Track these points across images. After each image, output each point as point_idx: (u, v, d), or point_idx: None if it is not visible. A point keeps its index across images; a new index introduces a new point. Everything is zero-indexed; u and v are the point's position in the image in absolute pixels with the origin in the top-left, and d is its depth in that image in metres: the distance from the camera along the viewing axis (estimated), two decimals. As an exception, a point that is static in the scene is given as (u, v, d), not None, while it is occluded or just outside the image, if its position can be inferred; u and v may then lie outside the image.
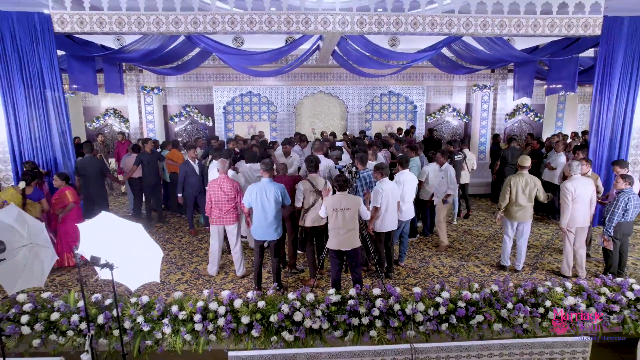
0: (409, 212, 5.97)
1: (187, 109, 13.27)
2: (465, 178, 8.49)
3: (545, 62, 9.56)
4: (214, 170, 6.39)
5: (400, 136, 11.26)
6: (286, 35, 9.33)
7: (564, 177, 7.27)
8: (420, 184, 6.76)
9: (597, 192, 5.97)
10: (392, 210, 5.41)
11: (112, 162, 11.97)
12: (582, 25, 7.11)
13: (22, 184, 5.51)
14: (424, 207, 7.28)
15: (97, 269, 3.27)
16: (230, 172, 6.21)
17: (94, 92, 8.75)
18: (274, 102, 13.12)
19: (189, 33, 6.97)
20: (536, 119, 14.15)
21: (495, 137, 11.35)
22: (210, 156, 7.85)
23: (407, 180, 5.82)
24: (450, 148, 8.34)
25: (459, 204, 8.41)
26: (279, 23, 6.73)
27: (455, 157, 7.89)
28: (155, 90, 12.69)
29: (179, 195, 7.36)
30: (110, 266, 3.15)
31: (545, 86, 10.34)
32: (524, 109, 14.04)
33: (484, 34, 7.17)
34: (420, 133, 13.11)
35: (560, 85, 9.69)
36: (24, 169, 6.28)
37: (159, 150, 9.00)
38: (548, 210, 8.58)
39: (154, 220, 8.37)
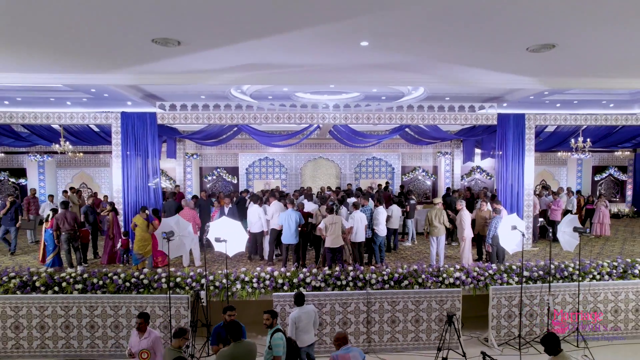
0: (384, 232, 9.68)
1: (218, 169, 17.36)
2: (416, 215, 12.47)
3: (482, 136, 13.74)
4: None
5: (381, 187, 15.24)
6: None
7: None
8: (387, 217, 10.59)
9: (490, 219, 9.76)
10: (361, 229, 9.15)
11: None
12: (484, 118, 11.31)
13: (147, 211, 9.34)
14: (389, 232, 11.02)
15: (214, 243, 7.04)
16: (260, 208, 10.00)
17: (159, 158, 12.82)
18: (284, 165, 17.23)
19: (238, 123, 11.16)
20: (488, 177, 18.22)
21: (448, 190, 15.30)
22: (248, 200, 11.71)
23: (380, 213, 9.60)
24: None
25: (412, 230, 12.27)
26: (295, 118, 10.92)
27: (411, 201, 11.80)
28: (195, 156, 16.87)
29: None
30: (225, 241, 6.93)
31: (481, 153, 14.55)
32: (478, 170, 18.15)
33: (423, 124, 11.36)
34: (396, 188, 17.07)
35: (488, 152, 13.93)
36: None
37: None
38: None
39: (205, 243, 12.06)
